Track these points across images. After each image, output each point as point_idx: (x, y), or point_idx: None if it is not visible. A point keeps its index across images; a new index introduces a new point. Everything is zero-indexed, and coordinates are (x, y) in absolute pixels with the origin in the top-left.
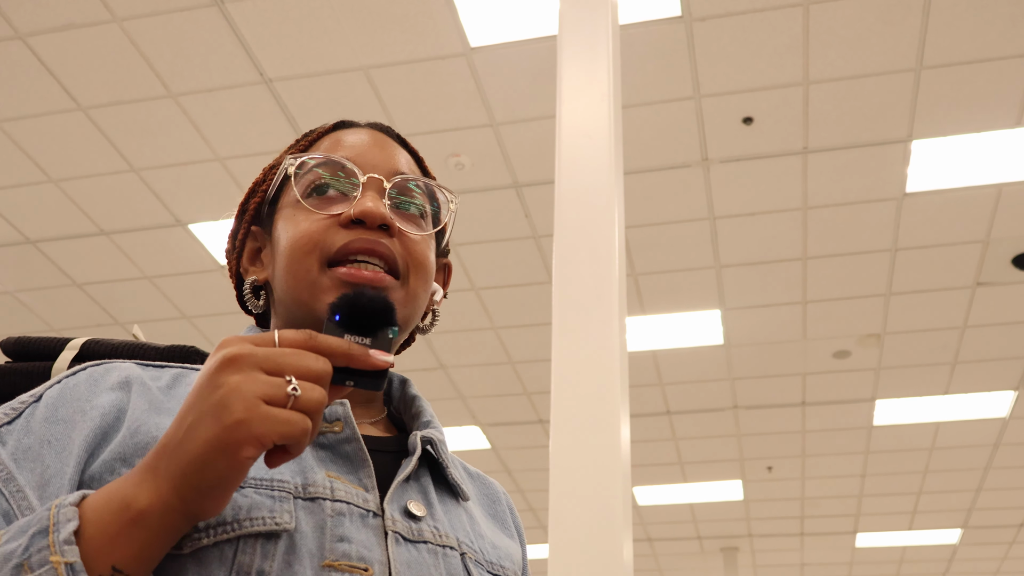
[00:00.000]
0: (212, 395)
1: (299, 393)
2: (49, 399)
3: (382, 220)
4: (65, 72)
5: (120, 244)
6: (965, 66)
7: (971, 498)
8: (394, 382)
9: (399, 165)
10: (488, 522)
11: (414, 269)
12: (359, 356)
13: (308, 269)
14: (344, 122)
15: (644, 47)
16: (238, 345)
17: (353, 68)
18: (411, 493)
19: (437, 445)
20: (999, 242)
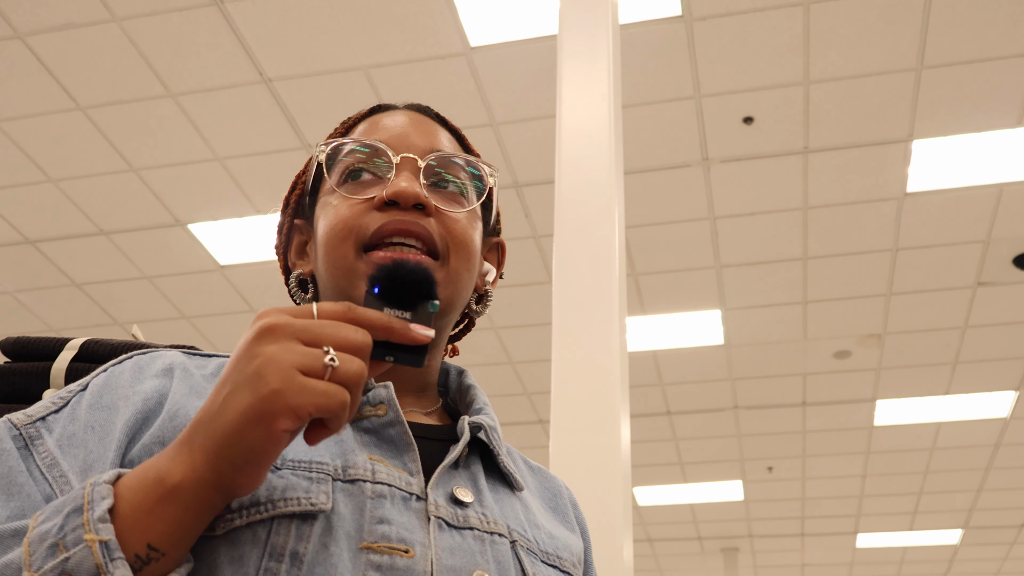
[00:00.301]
0: (248, 365)
1: (337, 364)
2: (95, 387)
3: (416, 199)
4: (64, 72)
5: (119, 244)
6: (966, 66)
7: (972, 498)
8: (451, 373)
9: (436, 143)
10: (547, 514)
11: (454, 248)
12: (399, 329)
13: (344, 255)
14: (381, 105)
15: (644, 46)
16: (275, 315)
17: (353, 68)
18: (459, 479)
19: (488, 431)
20: (1000, 242)
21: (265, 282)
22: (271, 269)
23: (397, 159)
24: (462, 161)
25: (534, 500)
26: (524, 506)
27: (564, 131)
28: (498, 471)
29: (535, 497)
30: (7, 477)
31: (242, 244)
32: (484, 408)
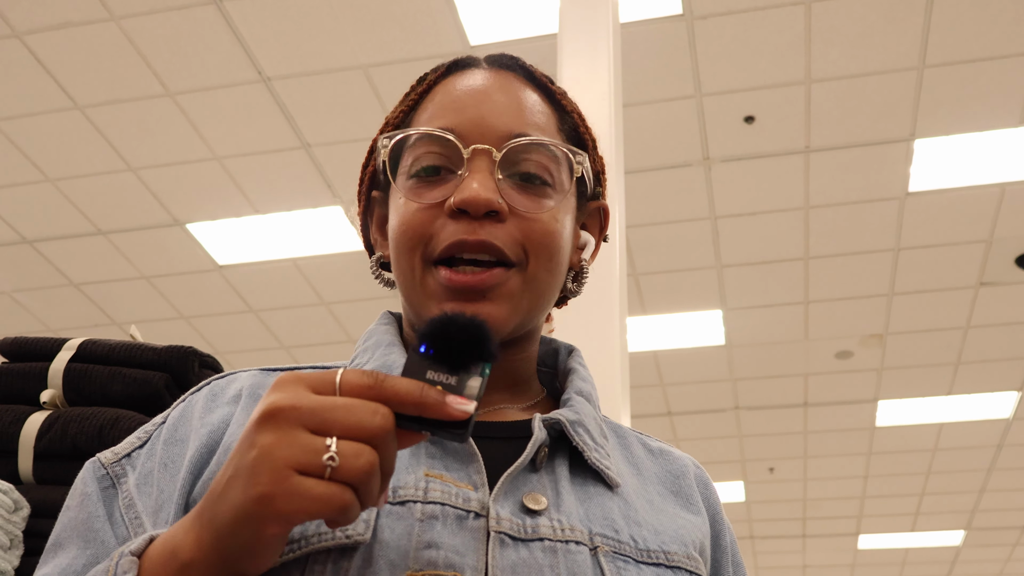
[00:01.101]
0: (247, 455)
1: (337, 463)
2: (172, 420)
3: (487, 208)
4: (62, 70)
5: (117, 244)
6: (968, 65)
7: (974, 499)
8: (560, 352)
9: (512, 122)
10: (665, 501)
11: (534, 251)
12: (433, 406)
13: (413, 267)
14: (460, 62)
15: (645, 45)
16: (287, 391)
17: (352, 66)
18: (534, 483)
19: (569, 427)
20: (1002, 242)
21: (264, 282)
22: (270, 269)
23: (468, 152)
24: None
25: (650, 489)
26: (623, 502)
27: None
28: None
29: (653, 484)
30: (86, 524)
31: (241, 244)
32: (571, 399)
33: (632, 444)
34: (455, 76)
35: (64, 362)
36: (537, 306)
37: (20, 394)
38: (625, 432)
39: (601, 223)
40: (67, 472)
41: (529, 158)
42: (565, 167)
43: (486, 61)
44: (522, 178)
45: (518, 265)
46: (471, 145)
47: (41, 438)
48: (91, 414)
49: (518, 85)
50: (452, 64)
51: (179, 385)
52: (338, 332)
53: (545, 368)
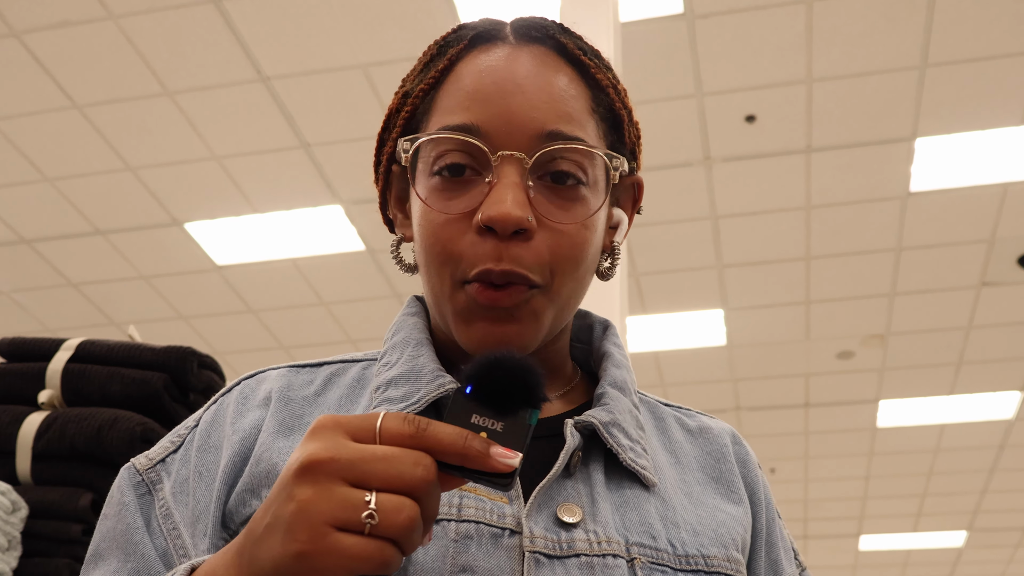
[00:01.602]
0: (285, 507)
1: (376, 521)
2: (204, 424)
3: (516, 227)
4: (60, 70)
5: (116, 244)
6: (970, 63)
7: (976, 500)
8: (595, 328)
9: (546, 117)
10: (703, 492)
11: (558, 268)
12: (476, 458)
13: (444, 283)
14: (484, 34)
15: (645, 45)
16: (326, 440)
17: (351, 66)
18: (568, 491)
19: (603, 430)
20: (1004, 241)
21: (263, 282)
22: (269, 269)
23: (496, 159)
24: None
25: (690, 478)
26: (661, 501)
27: None
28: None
29: (693, 471)
30: (125, 535)
31: (239, 244)
32: (606, 393)
33: (671, 427)
34: (479, 52)
35: (62, 362)
36: (564, 315)
37: (18, 394)
38: (663, 413)
39: (635, 197)
40: (65, 473)
41: (562, 157)
42: (601, 165)
43: (513, 33)
44: (554, 179)
45: (543, 286)
46: (499, 151)
47: (39, 439)
48: (89, 415)
49: (550, 65)
50: (475, 36)
51: (178, 385)
52: (337, 332)
53: (580, 344)
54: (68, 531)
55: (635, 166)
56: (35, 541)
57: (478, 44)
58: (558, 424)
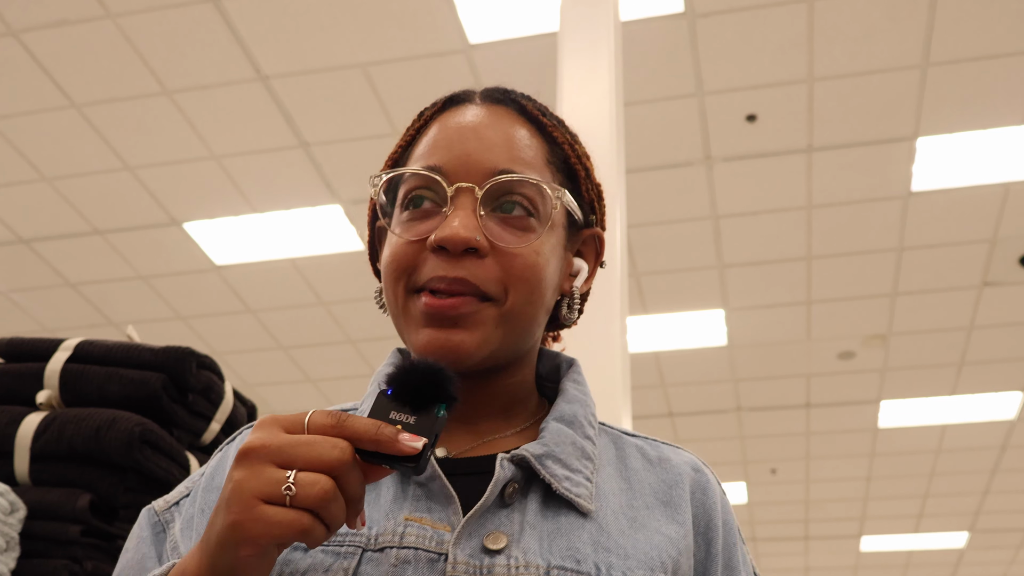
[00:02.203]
0: (226, 488)
1: (293, 492)
2: (210, 470)
3: (465, 246)
4: (59, 69)
5: (114, 243)
6: (972, 62)
7: (978, 501)
8: (561, 367)
9: (499, 158)
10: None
11: (514, 286)
12: (386, 442)
13: (397, 295)
14: (455, 97)
15: (646, 44)
16: (262, 432)
17: (351, 65)
18: (500, 521)
19: (536, 462)
20: (1006, 241)
21: (262, 282)
22: (268, 269)
23: (451, 190)
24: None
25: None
26: (596, 527)
27: None
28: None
29: (644, 496)
30: (140, 564)
31: (238, 243)
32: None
33: (630, 456)
34: (450, 112)
35: (61, 363)
36: (516, 336)
37: (16, 395)
38: (624, 443)
39: (596, 250)
40: (63, 473)
41: (512, 192)
42: (551, 202)
43: (480, 96)
44: (505, 212)
45: (496, 300)
46: (455, 183)
47: (37, 439)
48: (88, 415)
49: (509, 120)
50: (448, 99)
51: (176, 386)
52: (337, 332)
53: (551, 384)
54: (66, 532)
55: (594, 219)
56: (33, 542)
57: (449, 106)
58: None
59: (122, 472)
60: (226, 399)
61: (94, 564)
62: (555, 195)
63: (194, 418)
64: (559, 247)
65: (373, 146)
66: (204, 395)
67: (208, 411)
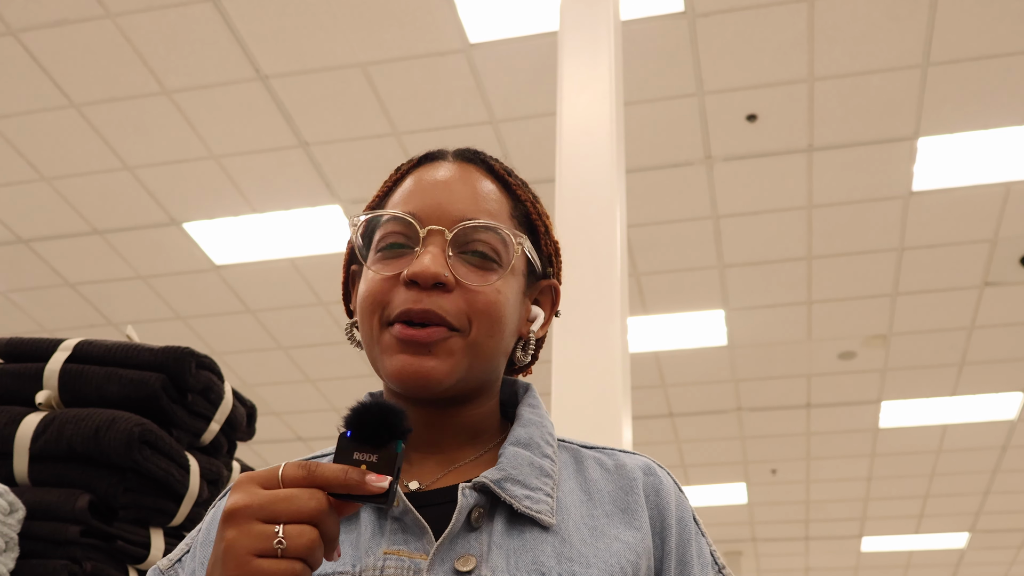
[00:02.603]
0: (218, 548)
1: (285, 545)
2: (206, 525)
3: (435, 280)
4: (58, 68)
5: (113, 243)
6: (973, 62)
7: (979, 501)
8: (519, 392)
9: (466, 208)
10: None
11: (476, 319)
12: (355, 485)
13: (371, 328)
14: (430, 155)
15: (646, 43)
16: (241, 493)
17: (350, 64)
18: (470, 544)
19: (496, 486)
20: (1007, 241)
21: (261, 282)
22: (267, 269)
23: (424, 232)
24: (488, 228)
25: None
26: (559, 539)
27: (565, 129)
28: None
29: (603, 504)
30: None
31: (238, 243)
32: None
33: (588, 468)
34: (425, 167)
35: (60, 363)
36: (480, 367)
37: (15, 395)
38: (583, 456)
39: (553, 299)
40: (63, 474)
41: (478, 238)
42: (512, 250)
43: (453, 155)
44: (472, 255)
45: (461, 331)
46: (427, 226)
47: (36, 440)
48: (87, 415)
49: (477, 176)
50: (423, 157)
51: (176, 386)
52: (336, 333)
53: (511, 408)
54: (65, 532)
55: (551, 272)
56: (32, 542)
57: (423, 163)
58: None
59: (121, 472)
60: (225, 399)
61: (93, 564)
62: (516, 241)
63: (193, 418)
64: (519, 292)
65: (373, 146)
66: (203, 395)
67: (207, 411)
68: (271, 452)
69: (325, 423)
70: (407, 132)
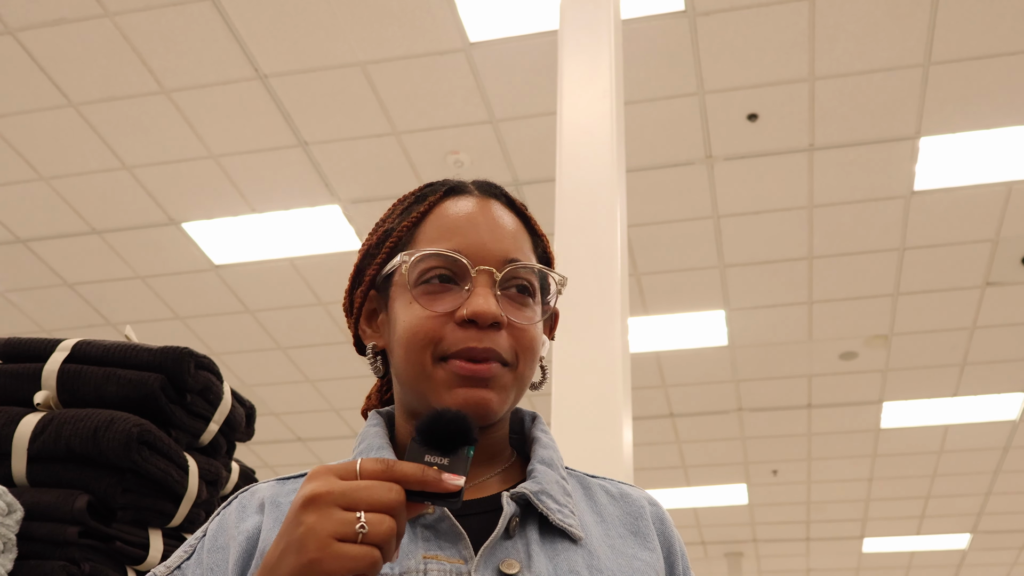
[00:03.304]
0: (295, 531)
1: (367, 530)
2: (210, 531)
3: (493, 319)
4: (56, 68)
5: (112, 243)
6: (974, 61)
7: (980, 502)
8: (525, 420)
9: (508, 247)
10: (623, 543)
11: (523, 355)
12: (432, 482)
13: (423, 363)
14: (454, 188)
15: (647, 42)
16: (321, 481)
17: (350, 63)
18: (509, 550)
19: (534, 498)
20: (1009, 241)
21: (260, 282)
22: (267, 268)
23: (475, 272)
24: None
25: (612, 532)
26: (588, 552)
27: (565, 128)
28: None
29: (616, 527)
30: None
31: (237, 243)
32: (535, 469)
33: (596, 493)
34: (451, 199)
35: (58, 363)
36: (519, 397)
37: (13, 396)
38: (589, 483)
39: (552, 325)
40: (61, 474)
41: (520, 277)
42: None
43: (476, 188)
44: (517, 292)
45: (511, 365)
46: (477, 266)
47: (35, 440)
48: (85, 416)
49: (504, 213)
50: (448, 189)
51: (175, 387)
52: (336, 333)
53: (514, 434)
54: (64, 533)
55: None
56: (30, 543)
57: (451, 195)
58: (498, 499)
59: (120, 473)
60: (224, 400)
61: (91, 565)
62: (559, 282)
63: (192, 419)
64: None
65: (372, 145)
66: (202, 396)
67: (206, 412)
68: (270, 453)
69: (324, 423)
70: (407, 132)
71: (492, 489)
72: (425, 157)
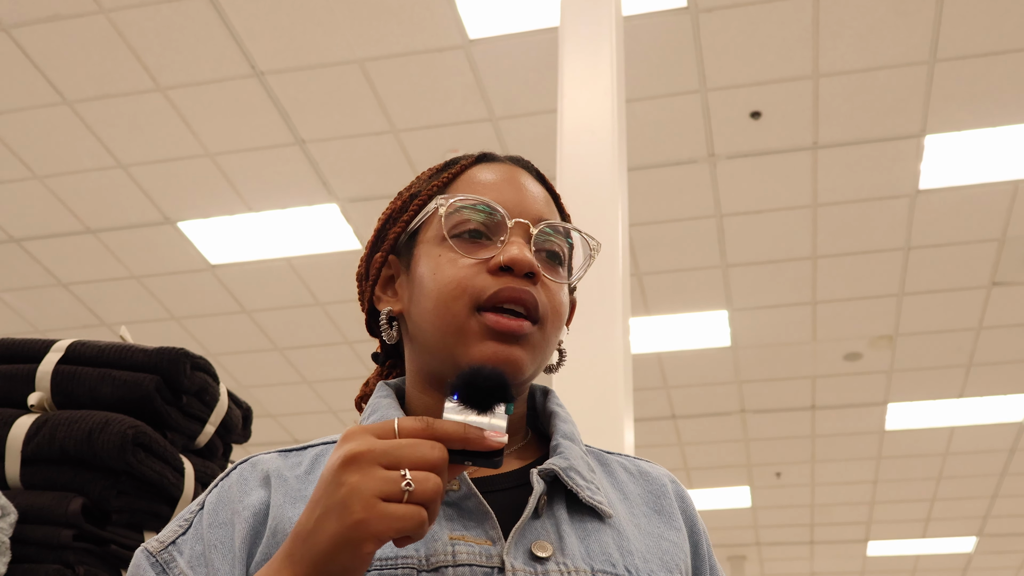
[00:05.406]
0: (336, 493)
1: (413, 488)
2: (209, 505)
3: (530, 268)
4: (50, 65)
5: (107, 242)
6: (980, 59)
7: (986, 505)
8: (536, 395)
9: (542, 209)
10: (650, 521)
11: (551, 316)
12: (475, 440)
13: (456, 313)
14: (486, 155)
15: (648, 39)
16: (359, 440)
17: (348, 61)
18: (538, 530)
19: (563, 475)
20: (1015, 240)
21: (257, 282)
22: (263, 268)
23: (511, 223)
24: (564, 230)
25: (636, 511)
26: (617, 532)
27: (566, 126)
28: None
29: (639, 506)
30: None
31: (233, 242)
32: (560, 445)
33: (616, 470)
34: (485, 164)
35: (52, 364)
36: (542, 362)
37: (7, 397)
38: (608, 459)
39: (570, 313)
40: (55, 477)
41: (553, 240)
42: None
43: (506, 158)
44: (547, 255)
45: (540, 324)
46: (515, 218)
47: (29, 442)
48: (80, 417)
49: (534, 180)
50: (481, 156)
51: (170, 388)
52: (333, 333)
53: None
54: (58, 536)
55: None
56: (24, 547)
57: (483, 160)
58: (523, 475)
59: (115, 475)
60: (220, 401)
61: (86, 569)
62: (593, 245)
63: (188, 420)
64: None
65: (371, 143)
66: (198, 397)
67: (202, 413)
68: None
69: (322, 425)
70: (405, 129)
71: (511, 466)
72: (424, 155)
